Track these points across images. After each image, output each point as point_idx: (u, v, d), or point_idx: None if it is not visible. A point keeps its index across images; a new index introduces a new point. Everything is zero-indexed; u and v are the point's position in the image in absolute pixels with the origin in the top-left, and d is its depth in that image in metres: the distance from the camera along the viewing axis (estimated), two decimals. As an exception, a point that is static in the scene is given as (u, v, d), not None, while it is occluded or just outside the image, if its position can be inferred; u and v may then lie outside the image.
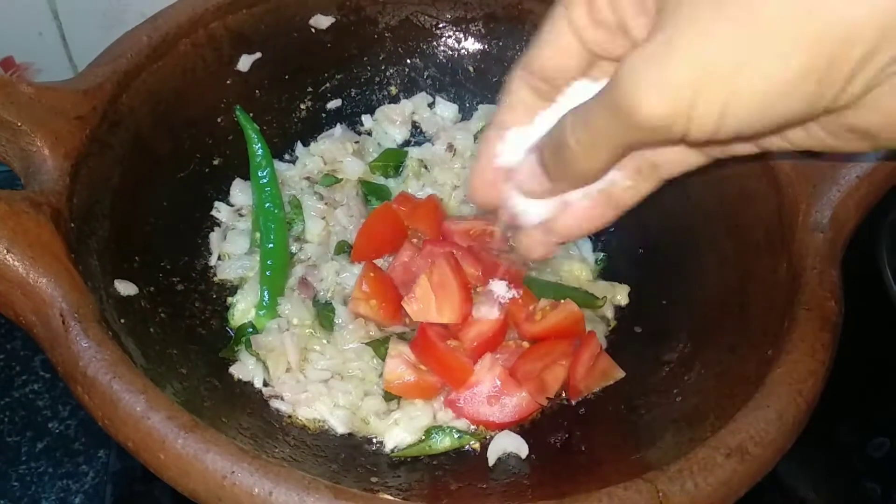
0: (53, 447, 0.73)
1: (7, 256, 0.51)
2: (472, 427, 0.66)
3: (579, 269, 0.78)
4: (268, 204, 0.75)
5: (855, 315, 0.59)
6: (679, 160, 0.49)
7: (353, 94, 0.89)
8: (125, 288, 0.62)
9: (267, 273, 0.72)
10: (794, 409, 0.52)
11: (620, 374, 0.69)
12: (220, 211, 0.78)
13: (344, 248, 0.77)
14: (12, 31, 0.89)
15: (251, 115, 0.78)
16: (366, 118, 0.89)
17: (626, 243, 0.79)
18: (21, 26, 0.89)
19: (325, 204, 0.79)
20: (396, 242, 0.76)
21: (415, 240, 0.77)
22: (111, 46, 0.70)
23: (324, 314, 0.71)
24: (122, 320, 0.58)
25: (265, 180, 0.76)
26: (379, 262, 0.75)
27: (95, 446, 0.73)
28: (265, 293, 0.71)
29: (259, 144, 0.77)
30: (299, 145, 0.85)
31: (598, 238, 0.82)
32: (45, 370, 0.78)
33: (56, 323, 0.50)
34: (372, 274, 0.71)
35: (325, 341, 0.70)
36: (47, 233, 0.54)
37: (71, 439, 0.73)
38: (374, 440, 0.66)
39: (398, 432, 0.65)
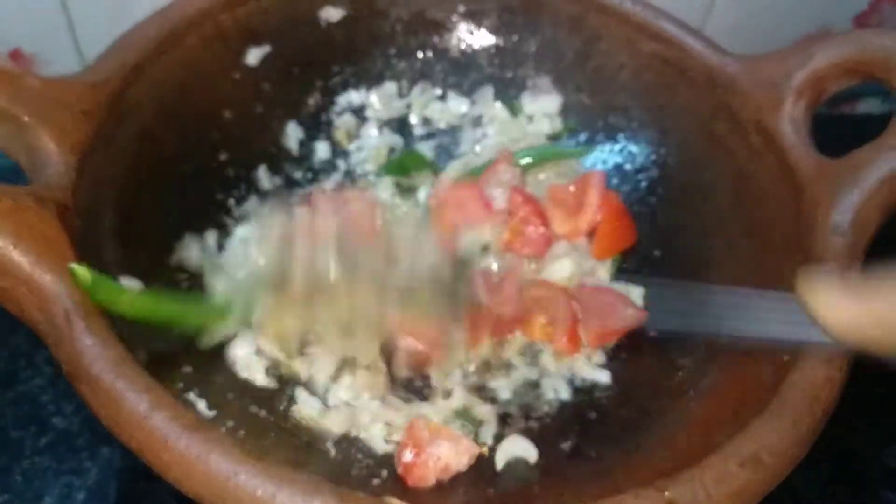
0: (57, 443, 0.72)
1: (12, 253, 0.50)
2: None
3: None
4: None
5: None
6: None
7: (363, 88, 0.87)
8: (130, 284, 0.61)
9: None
10: (809, 418, 0.51)
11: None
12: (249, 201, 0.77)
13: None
14: (20, 23, 0.88)
15: (259, 110, 0.77)
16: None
17: (641, 244, 0.78)
18: (29, 18, 0.88)
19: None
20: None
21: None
22: (120, 39, 0.69)
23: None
24: (127, 317, 0.57)
25: None
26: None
27: (99, 443, 0.72)
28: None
29: None
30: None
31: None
32: (48, 365, 0.77)
33: (60, 320, 0.50)
34: None
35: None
36: (52, 229, 0.53)
37: (75, 435, 0.73)
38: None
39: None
